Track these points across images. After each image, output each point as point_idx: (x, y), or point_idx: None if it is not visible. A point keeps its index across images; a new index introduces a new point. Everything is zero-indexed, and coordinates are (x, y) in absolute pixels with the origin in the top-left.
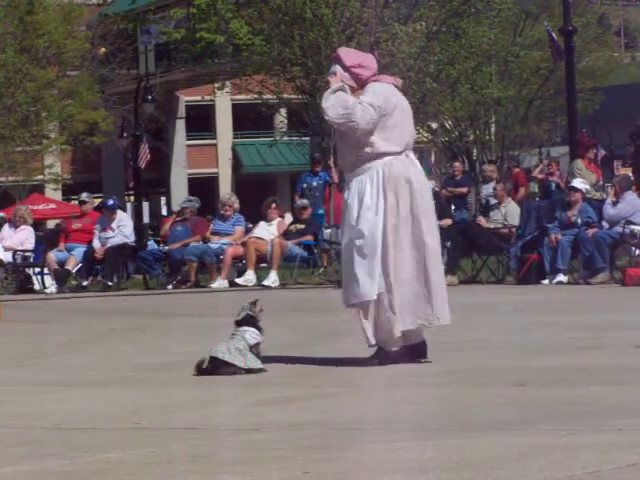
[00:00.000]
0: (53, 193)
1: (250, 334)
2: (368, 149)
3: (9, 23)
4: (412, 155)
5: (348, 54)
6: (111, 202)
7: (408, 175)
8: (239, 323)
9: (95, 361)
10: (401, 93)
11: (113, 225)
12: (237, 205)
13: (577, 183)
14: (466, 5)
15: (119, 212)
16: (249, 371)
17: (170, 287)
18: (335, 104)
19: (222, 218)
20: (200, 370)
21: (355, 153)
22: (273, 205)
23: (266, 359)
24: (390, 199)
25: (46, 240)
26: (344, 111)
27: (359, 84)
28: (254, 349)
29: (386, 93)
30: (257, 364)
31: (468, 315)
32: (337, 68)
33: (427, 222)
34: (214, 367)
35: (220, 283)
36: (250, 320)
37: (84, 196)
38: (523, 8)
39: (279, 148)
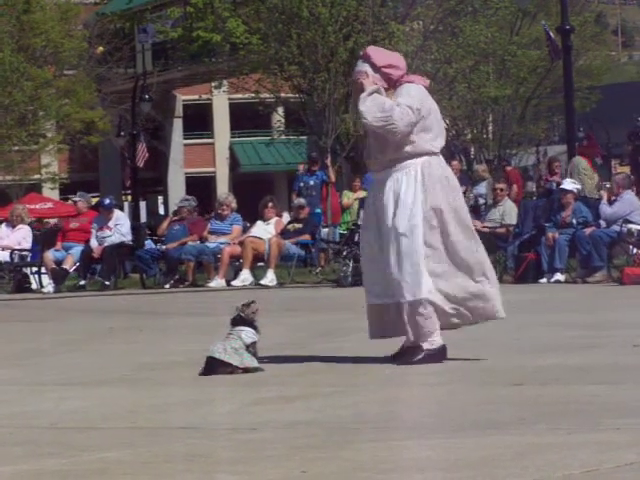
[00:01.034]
0: (50, 192)
1: (246, 333)
2: (408, 148)
3: (6, 22)
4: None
5: (377, 53)
6: (108, 201)
7: (447, 174)
8: (233, 323)
9: (92, 360)
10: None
11: (110, 224)
12: (234, 204)
13: (567, 184)
14: (463, 4)
15: (116, 211)
16: (246, 370)
17: (167, 286)
18: (372, 107)
19: (219, 217)
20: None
21: (394, 152)
22: (270, 204)
23: (263, 358)
24: (430, 198)
25: (43, 239)
26: (382, 114)
27: (390, 84)
28: (250, 348)
29: (421, 95)
30: (253, 363)
31: None
32: (366, 68)
33: (463, 223)
34: (211, 367)
35: (217, 282)
36: (240, 320)
37: (77, 196)
38: (520, 7)
39: (276, 147)
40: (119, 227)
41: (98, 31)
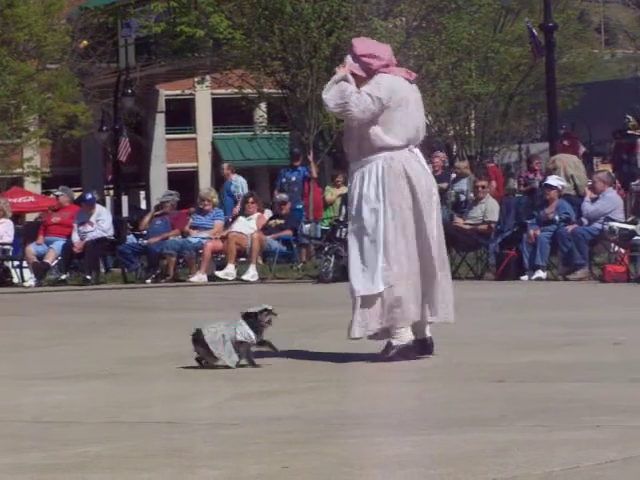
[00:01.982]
0: (32, 186)
1: (241, 330)
2: (369, 141)
3: None
4: (417, 150)
5: (362, 43)
6: (90, 196)
7: (407, 171)
8: (243, 316)
9: (74, 355)
10: (414, 86)
11: (92, 219)
12: (216, 199)
13: (552, 180)
14: (446, 1)
15: (98, 206)
16: (220, 363)
17: (149, 281)
18: (334, 94)
19: (201, 212)
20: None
21: (357, 144)
22: (250, 199)
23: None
24: (389, 194)
25: (25, 233)
26: (341, 100)
27: (369, 74)
28: (238, 346)
29: (391, 86)
30: (230, 360)
31: None
32: (347, 58)
33: (428, 220)
34: (196, 338)
35: (199, 277)
36: (250, 318)
37: (59, 190)
38: (503, 4)
39: (259, 143)
40: (100, 222)
41: (81, 25)
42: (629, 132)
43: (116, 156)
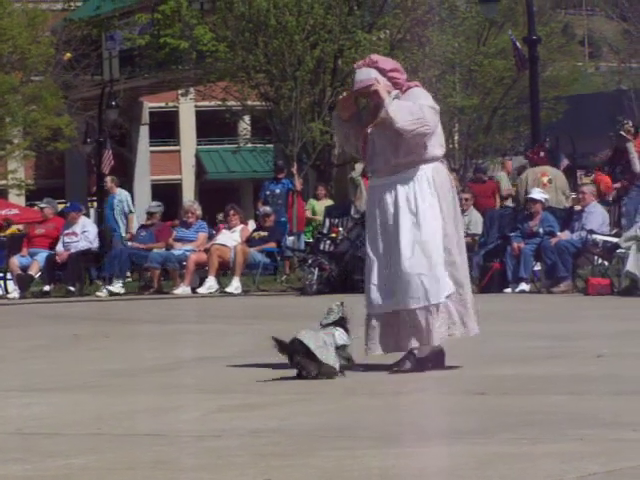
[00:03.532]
0: (17, 198)
1: (339, 334)
2: (421, 153)
3: None
4: None
5: (384, 59)
6: (70, 206)
7: (451, 180)
8: (338, 321)
9: (57, 367)
10: None
11: (77, 230)
12: (199, 212)
13: (536, 194)
14: (430, 14)
15: (83, 217)
16: (325, 369)
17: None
18: (399, 112)
19: (185, 225)
20: (280, 343)
21: (406, 156)
22: (232, 212)
23: (230, 367)
24: (442, 203)
25: (9, 245)
26: (413, 117)
27: (396, 88)
28: (341, 351)
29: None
30: (335, 365)
31: None
32: (374, 74)
33: (462, 229)
34: (295, 348)
35: (183, 289)
36: (341, 322)
37: (43, 202)
38: (487, 17)
39: (243, 155)
40: (87, 234)
41: (65, 37)
42: (621, 133)
43: (100, 168)
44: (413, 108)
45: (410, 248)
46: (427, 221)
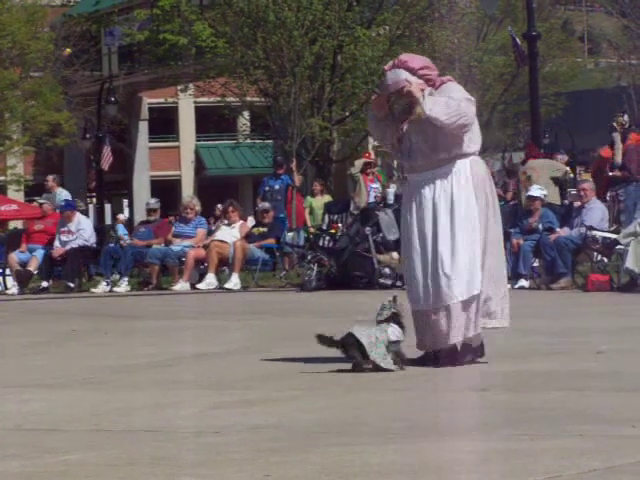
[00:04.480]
0: (15, 194)
1: (392, 330)
2: (459, 148)
3: None
4: None
5: (411, 57)
6: (66, 202)
7: (489, 173)
8: (392, 316)
9: (56, 363)
10: None
11: (72, 228)
12: (198, 207)
13: (534, 191)
14: (429, 9)
15: (78, 215)
16: (377, 367)
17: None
18: (436, 108)
19: (184, 221)
20: (325, 339)
21: (445, 151)
22: (230, 208)
23: (229, 363)
24: (480, 197)
25: (8, 241)
26: (450, 110)
27: (428, 85)
28: (392, 347)
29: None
30: (385, 362)
31: None
32: (405, 74)
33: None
34: (348, 341)
35: (182, 285)
36: (394, 318)
37: (42, 198)
38: (487, 13)
39: (242, 151)
40: (82, 232)
41: (65, 33)
42: (613, 124)
43: (99, 164)
44: (449, 102)
45: (447, 244)
46: (464, 216)
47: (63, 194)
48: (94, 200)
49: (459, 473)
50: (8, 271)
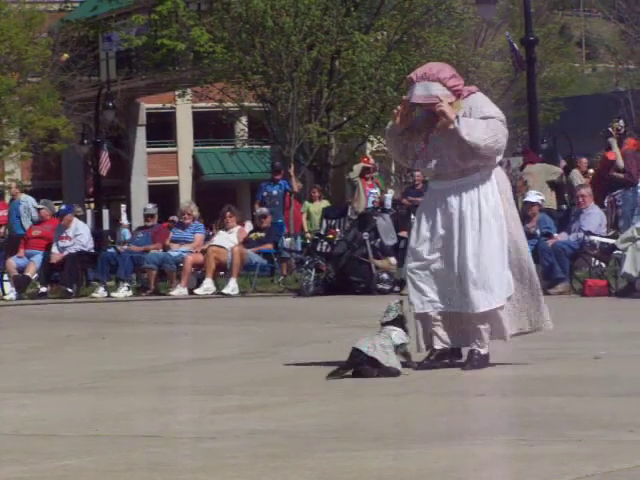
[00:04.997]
0: None
1: (397, 334)
2: (485, 159)
3: None
4: None
5: (440, 67)
6: (64, 208)
7: (508, 181)
8: (386, 324)
9: (54, 368)
10: None
11: (70, 234)
12: (196, 213)
13: (532, 197)
14: (427, 15)
15: (75, 220)
16: (388, 371)
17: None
18: (471, 131)
19: (181, 226)
20: (334, 373)
21: (475, 159)
22: (228, 213)
23: (227, 368)
24: (505, 205)
25: (6, 246)
26: (486, 135)
27: (455, 95)
28: (399, 349)
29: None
30: (398, 365)
31: None
32: (437, 89)
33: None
34: (355, 360)
35: (180, 291)
36: (400, 320)
37: (40, 203)
38: (484, 18)
39: (240, 156)
40: (79, 237)
41: (62, 38)
42: (608, 129)
43: (97, 169)
44: (486, 127)
45: (474, 252)
46: (491, 225)
47: (29, 200)
48: (92, 205)
49: (457, 478)
50: (6, 277)
